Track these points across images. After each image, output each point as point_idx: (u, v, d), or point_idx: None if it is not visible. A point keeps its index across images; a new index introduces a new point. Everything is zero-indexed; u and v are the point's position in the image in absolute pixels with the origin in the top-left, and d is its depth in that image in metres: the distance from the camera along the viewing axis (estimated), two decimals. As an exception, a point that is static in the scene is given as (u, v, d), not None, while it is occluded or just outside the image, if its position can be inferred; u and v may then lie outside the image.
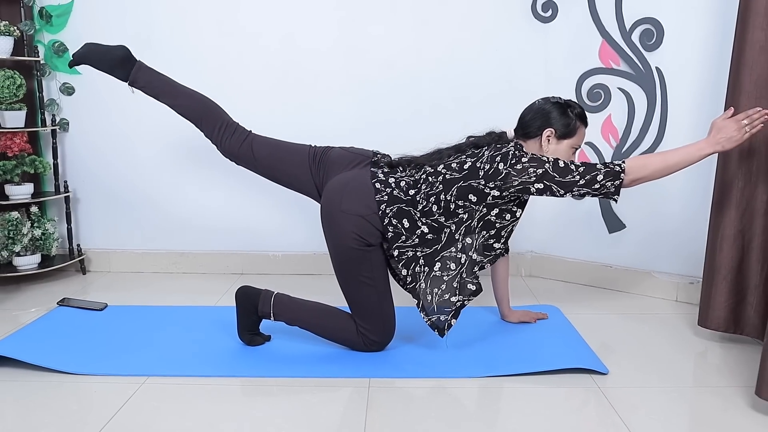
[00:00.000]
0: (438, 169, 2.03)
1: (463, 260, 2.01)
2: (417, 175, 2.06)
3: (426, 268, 2.01)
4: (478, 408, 1.79)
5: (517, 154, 1.96)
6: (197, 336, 2.22)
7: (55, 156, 2.95)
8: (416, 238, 2.00)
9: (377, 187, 2.01)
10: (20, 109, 2.79)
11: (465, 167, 2.00)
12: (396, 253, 2.00)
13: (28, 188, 2.83)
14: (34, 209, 2.87)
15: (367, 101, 2.92)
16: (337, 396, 1.82)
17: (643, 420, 1.69)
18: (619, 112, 2.71)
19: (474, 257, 2.01)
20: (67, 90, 2.95)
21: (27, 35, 2.86)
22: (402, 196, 2.00)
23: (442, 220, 1.99)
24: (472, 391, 1.86)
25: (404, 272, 2.01)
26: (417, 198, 2.00)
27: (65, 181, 2.97)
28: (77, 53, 2.18)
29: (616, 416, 1.70)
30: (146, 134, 2.97)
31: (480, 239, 2.02)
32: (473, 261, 2.01)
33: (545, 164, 1.94)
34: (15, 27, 2.75)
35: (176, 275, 3.05)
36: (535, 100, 2.14)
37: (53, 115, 2.95)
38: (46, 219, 2.94)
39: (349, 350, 2.09)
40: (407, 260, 2.01)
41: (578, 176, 1.93)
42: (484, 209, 1.99)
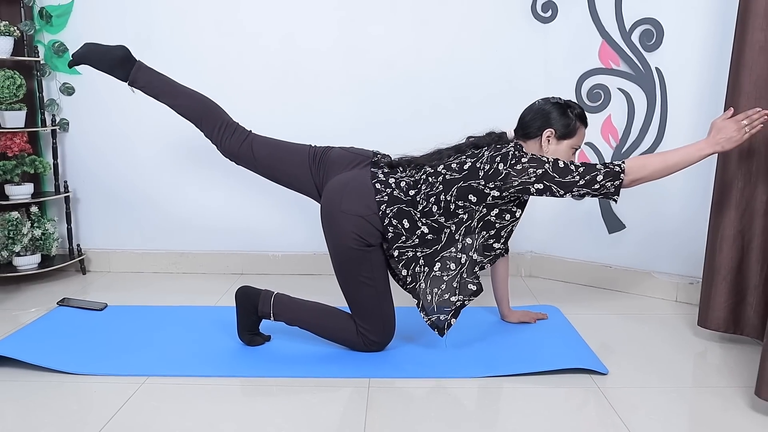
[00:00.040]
0: (438, 170, 2.03)
1: (464, 260, 2.01)
2: (417, 176, 2.06)
3: (426, 269, 2.01)
4: (478, 408, 1.79)
5: (517, 155, 1.96)
6: (197, 336, 2.23)
7: (55, 156, 2.95)
8: (416, 239, 2.00)
9: (377, 188, 2.01)
10: (20, 109, 2.79)
11: (465, 167, 2.00)
12: (396, 254, 2.00)
13: (28, 188, 2.83)
14: (34, 209, 2.87)
15: (367, 101, 2.93)
16: (337, 396, 1.82)
17: (643, 420, 1.69)
18: (619, 113, 2.71)
19: (474, 257, 2.01)
20: (67, 90, 2.95)
21: (27, 35, 2.86)
22: (402, 197, 2.00)
23: (442, 221, 1.99)
24: (472, 391, 1.86)
25: (404, 272, 2.01)
26: (417, 198, 2.00)
27: (65, 181, 2.97)
28: (77, 53, 2.17)
29: (616, 416, 1.71)
30: (146, 134, 2.97)
31: (480, 239, 2.02)
32: (473, 261, 2.01)
33: (545, 164, 1.94)
34: (15, 27, 2.75)
35: (176, 275, 3.05)
36: (535, 101, 2.14)
37: (53, 115, 2.95)
38: (46, 219, 2.93)
39: (349, 350, 2.09)
40: (407, 260, 2.01)
41: (578, 176, 1.93)
42: (484, 209, 1.99)
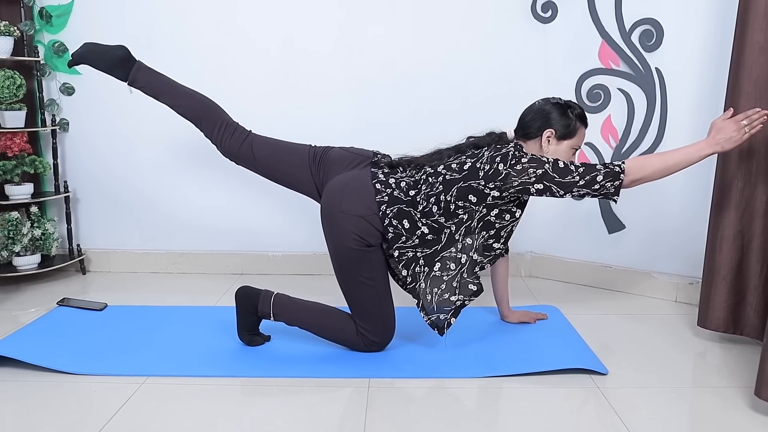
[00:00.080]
0: (438, 170, 2.03)
1: (464, 260, 2.01)
2: (417, 176, 2.06)
3: (426, 269, 2.01)
4: (478, 408, 1.79)
5: (517, 155, 1.96)
6: (197, 336, 2.22)
7: (55, 156, 2.95)
8: (416, 239, 2.00)
9: (377, 188, 2.01)
10: (20, 109, 2.79)
11: (465, 168, 2.00)
12: (396, 254, 2.00)
13: (28, 188, 2.83)
14: (34, 209, 2.87)
15: (367, 101, 2.93)
16: (337, 396, 1.82)
17: (643, 420, 1.69)
18: (619, 113, 2.71)
19: (474, 257, 2.01)
20: (67, 90, 2.95)
21: (27, 35, 2.86)
22: (402, 197, 2.00)
23: (442, 221, 1.99)
24: (472, 392, 1.86)
25: (404, 273, 2.01)
26: (417, 199, 2.00)
27: (65, 181, 2.97)
28: (76, 53, 2.17)
29: (616, 417, 1.71)
30: (146, 134, 2.97)
31: (480, 239, 2.02)
32: (473, 261, 2.01)
33: (545, 165, 1.94)
34: (15, 27, 2.75)
35: (176, 275, 3.05)
36: (536, 101, 2.14)
37: (53, 115, 2.95)
38: (46, 219, 2.93)
39: (349, 350, 2.09)
40: (407, 261, 2.01)
41: (578, 177, 1.93)
42: (484, 210, 1.99)
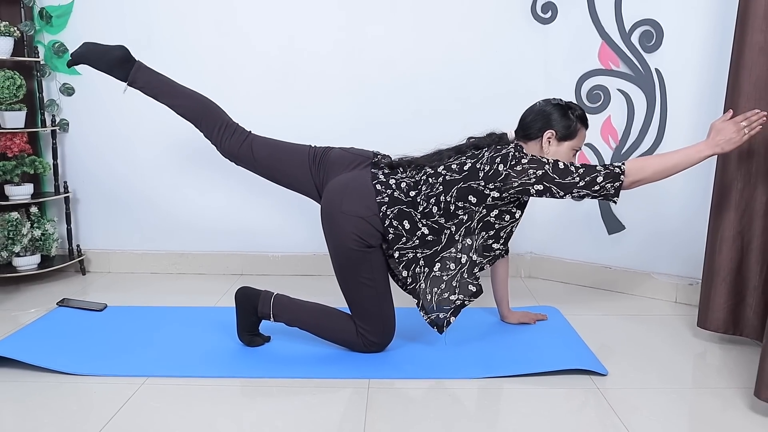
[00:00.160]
0: (438, 171, 2.03)
1: (464, 260, 2.01)
2: (417, 177, 2.06)
3: (426, 269, 2.01)
4: (478, 409, 1.79)
5: (517, 156, 1.96)
6: (197, 337, 2.22)
7: (55, 156, 2.95)
8: (416, 240, 2.00)
9: (378, 189, 2.01)
10: (20, 110, 2.79)
11: (465, 168, 2.00)
12: (396, 255, 2.00)
13: (28, 189, 2.83)
14: (34, 210, 2.87)
15: (367, 102, 2.93)
16: (337, 397, 1.82)
17: (643, 421, 1.69)
18: (619, 114, 2.71)
19: (474, 258, 2.01)
20: (67, 90, 2.95)
21: (27, 36, 2.86)
22: (403, 198, 2.00)
23: (443, 222, 1.99)
24: (472, 392, 1.86)
25: (404, 273, 2.01)
26: (417, 199, 2.00)
27: (65, 182, 2.97)
28: (75, 53, 2.17)
29: (616, 417, 1.71)
30: (146, 135, 2.97)
31: (479, 240, 2.02)
32: (473, 262, 2.01)
33: (545, 166, 1.94)
34: (15, 27, 2.75)
35: (176, 276, 3.04)
36: (536, 102, 2.14)
37: (53, 116, 2.95)
38: (46, 219, 2.93)
39: (349, 351, 2.09)
40: (407, 262, 2.01)
41: (578, 178, 1.93)
42: (484, 210, 1.99)
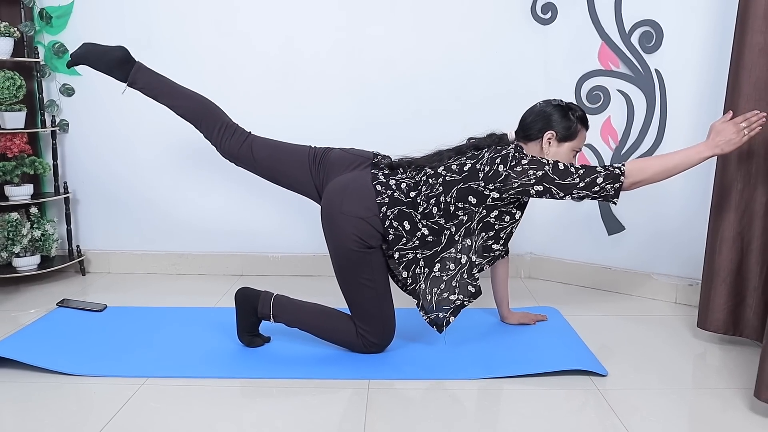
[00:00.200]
0: (438, 171, 2.03)
1: (464, 261, 2.01)
2: (417, 177, 2.06)
3: (426, 270, 2.01)
4: (478, 409, 1.79)
5: (517, 156, 1.96)
6: (197, 337, 2.22)
7: (55, 157, 2.95)
8: (417, 240, 2.00)
9: (378, 189, 2.01)
10: (20, 110, 2.79)
11: (465, 169, 2.00)
12: (396, 256, 2.00)
13: (28, 189, 2.83)
14: (34, 210, 2.87)
15: (367, 102, 2.93)
16: (337, 397, 1.82)
17: (642, 422, 1.69)
18: (619, 114, 2.71)
19: (473, 259, 2.01)
20: (67, 91, 2.95)
21: (27, 36, 2.86)
22: (403, 198, 2.00)
23: (443, 222, 1.99)
24: (472, 393, 1.86)
25: (404, 274, 2.01)
26: (417, 200, 2.00)
27: (65, 182, 2.97)
28: (75, 53, 2.17)
29: (616, 418, 1.71)
30: (146, 135, 2.97)
31: (479, 241, 2.02)
32: (473, 262, 2.01)
33: (545, 166, 1.94)
34: (15, 28, 2.75)
35: (176, 276, 3.04)
36: (537, 103, 2.14)
37: (53, 116, 2.95)
38: (46, 220, 2.93)
39: (349, 352, 2.09)
40: (407, 262, 2.01)
41: (578, 179, 1.93)
42: (484, 211, 1.99)
